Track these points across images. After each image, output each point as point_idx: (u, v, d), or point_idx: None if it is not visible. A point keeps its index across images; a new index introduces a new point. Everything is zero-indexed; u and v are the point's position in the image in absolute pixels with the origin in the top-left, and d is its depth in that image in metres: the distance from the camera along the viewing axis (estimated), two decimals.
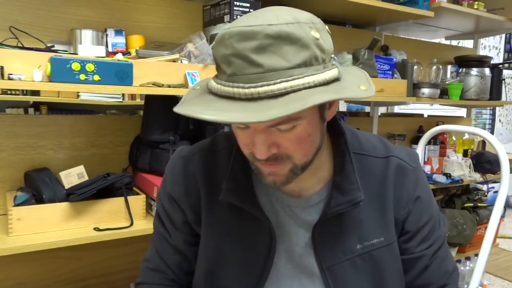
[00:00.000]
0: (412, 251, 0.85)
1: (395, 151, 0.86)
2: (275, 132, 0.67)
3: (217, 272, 0.83)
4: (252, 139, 0.68)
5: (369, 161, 0.83)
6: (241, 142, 0.72)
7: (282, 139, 0.68)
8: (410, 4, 2.05)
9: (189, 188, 0.85)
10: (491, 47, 5.24)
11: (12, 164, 1.47)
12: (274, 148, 0.68)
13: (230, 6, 1.58)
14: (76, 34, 1.46)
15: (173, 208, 0.87)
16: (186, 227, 0.87)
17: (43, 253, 1.27)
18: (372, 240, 0.81)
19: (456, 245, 2.36)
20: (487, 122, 5.19)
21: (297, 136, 0.68)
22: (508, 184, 1.54)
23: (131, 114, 2.31)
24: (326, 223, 0.79)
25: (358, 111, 3.20)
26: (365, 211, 0.81)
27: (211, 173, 0.84)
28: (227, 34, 0.63)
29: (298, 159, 0.70)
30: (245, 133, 0.70)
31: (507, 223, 4.33)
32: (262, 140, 0.67)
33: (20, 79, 1.14)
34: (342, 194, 0.78)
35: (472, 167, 2.40)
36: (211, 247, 0.84)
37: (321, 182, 0.81)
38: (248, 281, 0.81)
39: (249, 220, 0.80)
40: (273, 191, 0.82)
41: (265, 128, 0.66)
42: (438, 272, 0.86)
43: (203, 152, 0.86)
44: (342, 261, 0.79)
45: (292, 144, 0.68)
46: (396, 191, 0.83)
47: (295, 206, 0.81)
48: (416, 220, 0.84)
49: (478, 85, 2.41)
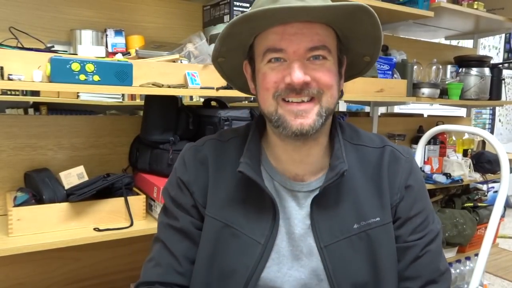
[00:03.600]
0: (404, 239, 0.87)
1: (390, 142, 0.92)
2: (309, 65, 0.77)
3: (219, 252, 0.85)
4: (284, 74, 0.77)
5: (366, 151, 0.89)
6: (269, 82, 0.78)
7: (315, 71, 0.77)
8: (410, 4, 2.05)
9: (199, 171, 0.88)
10: (491, 47, 5.24)
11: (12, 165, 1.47)
12: (308, 77, 0.76)
13: (230, 6, 1.58)
14: (76, 35, 1.46)
15: (181, 192, 0.89)
16: (194, 211, 0.89)
17: (43, 253, 1.27)
18: (368, 220, 0.84)
19: (456, 245, 2.36)
20: (487, 122, 5.19)
21: (328, 70, 0.78)
22: (508, 184, 1.54)
23: (131, 114, 2.31)
24: (324, 203, 0.83)
25: (358, 111, 3.20)
26: (362, 192, 0.85)
27: (221, 157, 0.89)
28: None
29: (325, 100, 0.79)
30: (277, 69, 0.78)
31: (507, 223, 4.33)
32: (299, 65, 0.76)
33: (20, 79, 1.14)
34: (331, 171, 0.83)
35: (472, 167, 2.40)
36: (215, 226, 0.86)
37: (323, 169, 0.87)
38: (250, 261, 0.83)
39: (255, 202, 0.84)
40: (277, 176, 0.87)
41: (302, 56, 0.76)
42: (428, 266, 0.87)
43: (213, 141, 0.92)
44: (339, 240, 0.83)
45: (324, 76, 0.77)
46: (390, 176, 0.87)
47: (298, 190, 0.86)
48: (407, 207, 0.87)
49: (478, 85, 2.41)
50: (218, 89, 1.41)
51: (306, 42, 0.75)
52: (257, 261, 0.82)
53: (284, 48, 0.76)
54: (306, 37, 0.75)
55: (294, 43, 0.75)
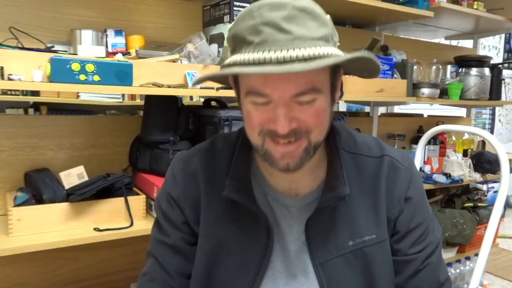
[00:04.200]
0: (404, 252, 0.85)
1: (389, 151, 0.88)
2: (296, 107, 0.70)
3: (214, 271, 0.84)
4: (269, 116, 0.70)
5: (363, 160, 0.85)
6: (254, 122, 0.72)
7: (302, 114, 0.70)
8: (410, 4, 2.05)
9: (189, 187, 0.85)
10: (491, 47, 5.24)
11: (12, 165, 1.47)
12: (294, 122, 0.70)
13: (230, 6, 1.58)
14: (76, 35, 1.46)
15: (171, 208, 0.87)
16: (185, 227, 0.87)
17: (43, 253, 1.27)
18: (363, 237, 0.82)
19: (456, 245, 2.36)
20: (487, 122, 5.19)
21: (317, 110, 0.71)
22: (508, 184, 1.54)
23: (131, 114, 2.30)
24: (319, 219, 0.81)
25: (358, 111, 3.20)
26: (358, 208, 0.82)
27: (211, 172, 0.85)
28: (255, 6, 0.68)
29: (314, 136, 0.73)
30: (262, 110, 0.71)
31: (507, 223, 4.33)
32: (285, 113, 0.69)
33: (20, 79, 1.14)
34: (330, 190, 0.80)
35: (472, 167, 2.40)
36: (209, 245, 0.84)
37: (317, 181, 0.84)
38: (245, 279, 0.81)
39: (248, 219, 0.81)
40: (270, 191, 0.84)
41: (288, 101, 0.69)
42: (428, 279, 0.86)
43: (203, 152, 0.88)
44: (334, 257, 0.81)
45: (312, 118, 0.71)
46: (388, 188, 0.84)
47: (291, 205, 0.83)
48: (407, 220, 0.85)
49: (478, 85, 2.41)
50: (218, 89, 1.41)
51: (292, 88, 0.67)
52: (252, 278, 0.81)
53: (268, 94, 0.68)
54: (291, 82, 0.67)
55: (279, 89, 0.67)
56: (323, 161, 0.84)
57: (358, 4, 1.83)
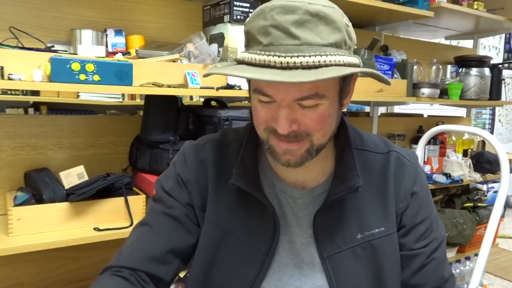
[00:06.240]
0: (409, 247, 0.86)
1: (395, 147, 0.90)
2: (298, 110, 0.70)
3: (218, 260, 0.83)
4: (273, 114, 0.71)
5: (370, 156, 0.86)
6: (260, 118, 0.74)
7: (304, 117, 0.71)
8: (410, 4, 2.05)
9: (199, 173, 0.86)
10: (491, 47, 5.24)
11: (12, 164, 1.47)
12: (295, 124, 0.71)
13: (230, 6, 1.58)
14: (76, 34, 1.46)
15: (179, 188, 0.86)
16: (190, 208, 0.85)
17: (43, 253, 1.27)
18: (372, 230, 0.82)
19: (456, 245, 2.37)
20: (487, 122, 5.19)
21: (320, 115, 0.71)
22: (508, 184, 1.54)
23: (131, 114, 2.31)
24: (327, 212, 0.81)
25: (358, 111, 3.20)
26: (366, 201, 0.83)
27: (221, 163, 0.86)
28: (268, 7, 0.67)
29: (316, 138, 0.73)
30: (267, 108, 0.72)
31: (507, 223, 4.33)
32: (286, 115, 0.69)
33: (20, 79, 1.14)
34: (342, 182, 0.80)
35: (472, 167, 2.41)
36: (215, 232, 0.84)
37: (324, 174, 0.84)
38: (250, 270, 0.81)
39: (255, 209, 0.82)
40: (278, 182, 0.84)
41: (290, 103, 0.69)
42: (433, 274, 0.86)
43: (214, 142, 0.89)
44: (342, 250, 0.81)
45: (313, 122, 0.71)
46: (396, 183, 0.85)
47: (299, 197, 0.83)
48: (412, 215, 0.86)
49: (478, 85, 2.41)
50: (218, 89, 1.42)
51: (295, 93, 0.68)
52: (258, 269, 0.80)
53: (271, 95, 0.69)
54: (294, 87, 0.67)
55: (281, 92, 0.68)
56: (331, 155, 0.85)
57: (358, 4, 1.83)
